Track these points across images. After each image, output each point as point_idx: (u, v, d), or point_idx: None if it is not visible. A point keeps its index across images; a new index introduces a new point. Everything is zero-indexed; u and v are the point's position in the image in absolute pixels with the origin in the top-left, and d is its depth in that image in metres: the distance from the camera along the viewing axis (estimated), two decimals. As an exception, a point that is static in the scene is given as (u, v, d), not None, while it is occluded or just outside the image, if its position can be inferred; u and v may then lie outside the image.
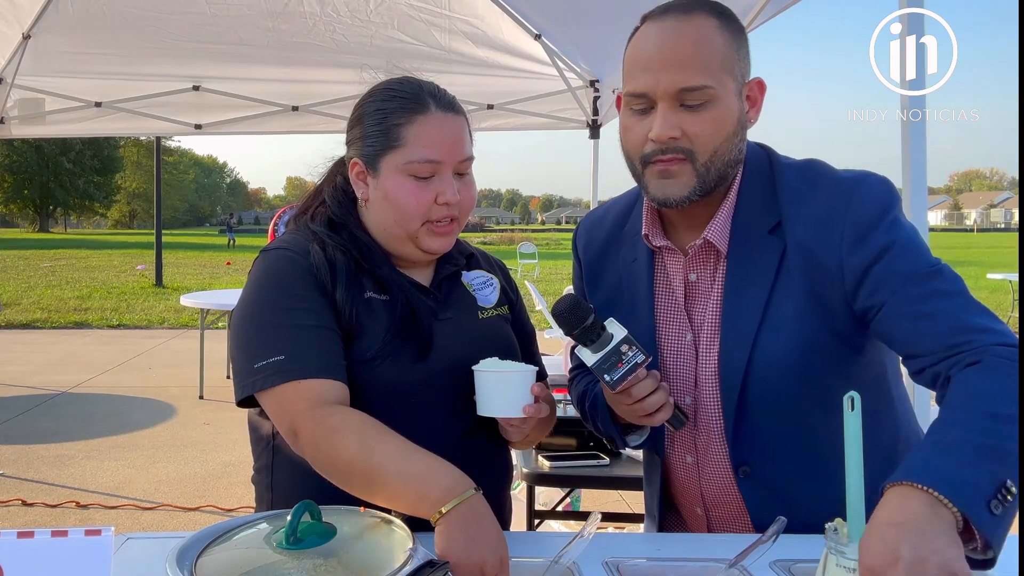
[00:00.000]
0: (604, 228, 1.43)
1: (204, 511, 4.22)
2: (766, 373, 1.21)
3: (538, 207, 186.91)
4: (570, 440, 2.42)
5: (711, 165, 1.19)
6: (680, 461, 1.35)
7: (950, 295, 1.13)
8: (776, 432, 1.24)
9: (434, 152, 1.30)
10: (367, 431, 1.18)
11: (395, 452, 1.15)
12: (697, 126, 1.17)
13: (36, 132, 5.07)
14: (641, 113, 1.20)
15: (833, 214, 1.18)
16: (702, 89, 1.15)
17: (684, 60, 1.15)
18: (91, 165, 56.19)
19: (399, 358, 1.29)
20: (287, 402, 1.22)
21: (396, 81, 1.39)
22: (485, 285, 1.48)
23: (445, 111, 1.34)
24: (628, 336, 1.18)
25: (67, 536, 0.81)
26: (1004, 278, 12.10)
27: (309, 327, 1.26)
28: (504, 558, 1.06)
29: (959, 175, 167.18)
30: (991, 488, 0.90)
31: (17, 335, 10.90)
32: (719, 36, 1.18)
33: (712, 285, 1.27)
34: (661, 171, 1.20)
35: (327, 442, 1.18)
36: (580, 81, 4.61)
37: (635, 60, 1.20)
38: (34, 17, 3.86)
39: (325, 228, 1.37)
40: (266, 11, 3.92)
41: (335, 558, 1.04)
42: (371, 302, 1.32)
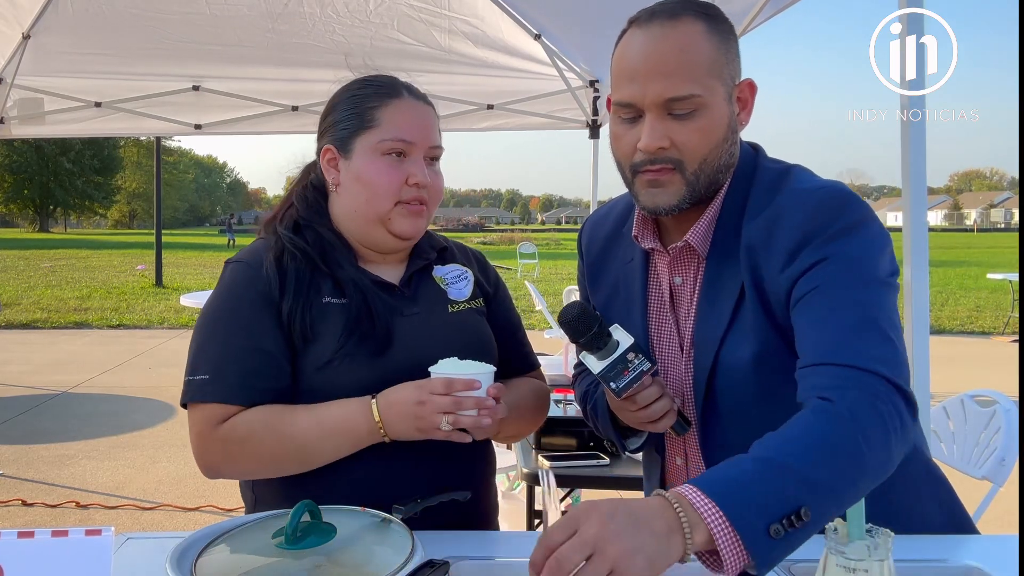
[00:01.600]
0: (606, 227, 1.43)
1: (204, 511, 4.23)
2: (727, 379, 1.21)
3: (538, 207, 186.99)
4: (570, 440, 2.42)
5: (701, 173, 1.18)
6: (671, 463, 1.36)
7: (855, 307, 1.08)
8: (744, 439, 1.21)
9: (407, 132, 1.35)
10: (272, 421, 1.26)
11: (305, 423, 1.26)
12: (685, 135, 1.15)
13: (36, 132, 5.07)
14: (630, 122, 1.19)
15: (776, 230, 1.16)
16: (689, 98, 1.14)
17: (670, 69, 1.13)
18: (91, 165, 56.22)
19: (356, 359, 1.30)
20: (196, 423, 1.29)
21: (371, 75, 1.43)
22: (459, 279, 1.48)
23: (417, 99, 1.40)
24: (635, 344, 1.17)
25: (67, 536, 0.81)
26: (1004, 278, 12.10)
27: (238, 348, 1.29)
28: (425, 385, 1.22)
29: (959, 175, 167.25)
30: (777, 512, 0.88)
31: (17, 335, 10.89)
32: (706, 41, 1.15)
33: (694, 288, 1.27)
34: (650, 180, 1.19)
35: (243, 452, 1.27)
36: (580, 81, 4.61)
37: (621, 68, 1.19)
38: (34, 17, 3.86)
39: (290, 231, 1.39)
40: (266, 12, 3.92)
41: (335, 558, 1.04)
42: (327, 307, 1.33)
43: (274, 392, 1.29)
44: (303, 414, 1.27)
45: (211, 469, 1.30)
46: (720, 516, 0.87)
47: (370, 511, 1.17)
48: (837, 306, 1.09)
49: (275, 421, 1.26)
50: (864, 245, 1.13)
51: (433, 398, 1.19)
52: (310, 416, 1.26)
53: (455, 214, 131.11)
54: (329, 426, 1.25)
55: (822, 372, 1.05)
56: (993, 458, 2.46)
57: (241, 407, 1.27)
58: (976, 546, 1.26)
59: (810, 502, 0.90)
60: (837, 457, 0.95)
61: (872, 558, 0.86)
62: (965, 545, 1.27)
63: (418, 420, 1.21)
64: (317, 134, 1.45)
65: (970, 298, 15.49)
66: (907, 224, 2.22)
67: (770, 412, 1.13)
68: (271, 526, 1.10)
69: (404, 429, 1.23)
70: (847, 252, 1.12)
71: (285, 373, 1.30)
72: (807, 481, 0.92)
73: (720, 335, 1.20)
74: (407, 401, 1.22)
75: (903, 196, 2.23)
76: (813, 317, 1.10)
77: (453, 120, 4.87)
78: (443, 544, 1.16)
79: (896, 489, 1.27)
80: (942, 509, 1.33)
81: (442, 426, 1.19)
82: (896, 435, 1.00)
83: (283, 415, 1.27)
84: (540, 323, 10.45)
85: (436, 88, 4.72)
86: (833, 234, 1.12)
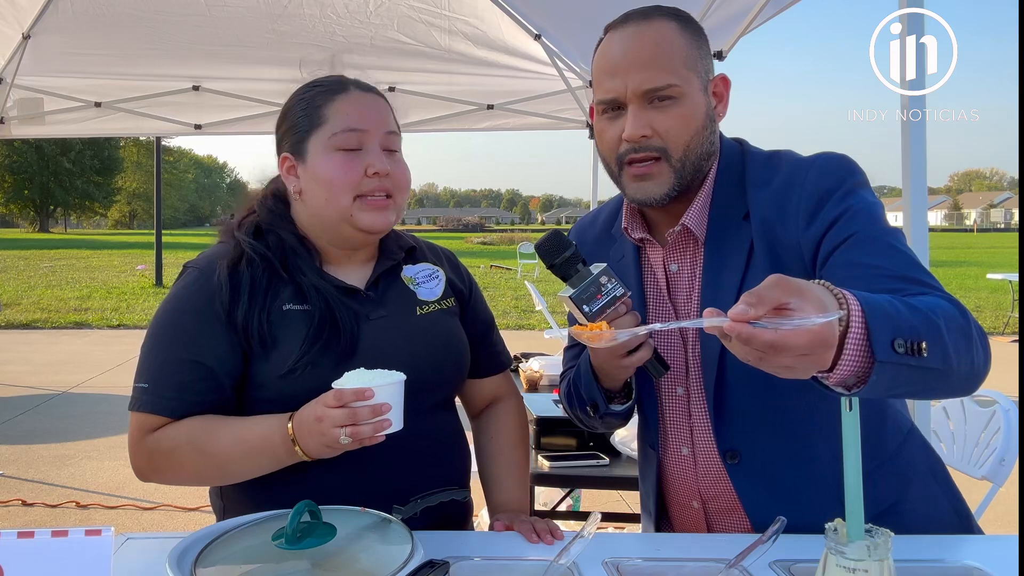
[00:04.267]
0: (594, 230, 1.46)
1: (204, 511, 4.22)
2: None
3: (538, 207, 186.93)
4: (570, 440, 2.42)
5: (686, 160, 1.23)
6: (675, 454, 1.36)
7: (896, 252, 1.15)
8: (758, 416, 1.25)
9: (356, 121, 1.32)
10: (196, 437, 1.25)
11: (228, 441, 1.25)
12: (667, 123, 1.21)
13: (36, 132, 5.07)
14: (612, 117, 1.24)
15: (789, 194, 1.22)
16: (668, 87, 1.20)
17: (648, 61, 1.20)
18: (91, 165, 56.18)
19: (319, 366, 1.27)
20: (131, 429, 1.31)
21: (319, 78, 1.42)
22: (429, 278, 1.46)
23: (365, 91, 1.37)
24: (607, 268, 1.19)
25: (67, 536, 0.81)
26: (1004, 278, 12.10)
27: (176, 360, 1.28)
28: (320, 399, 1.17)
29: (959, 175, 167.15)
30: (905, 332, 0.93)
31: (17, 335, 10.90)
32: (679, 37, 1.23)
33: (692, 273, 1.30)
34: (637, 174, 1.24)
35: (168, 464, 1.27)
36: (580, 81, 4.60)
37: (602, 68, 1.25)
38: (34, 17, 3.86)
39: (250, 236, 1.36)
40: (266, 12, 3.92)
41: (335, 558, 1.04)
42: (288, 314, 1.30)
43: (207, 404, 1.28)
44: (226, 431, 1.26)
45: (139, 473, 1.30)
46: (860, 311, 0.91)
47: (370, 511, 1.17)
48: (878, 249, 1.14)
49: (199, 437, 1.25)
50: (872, 202, 1.20)
51: (328, 412, 1.15)
52: (232, 433, 1.25)
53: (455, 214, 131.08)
54: (248, 445, 1.24)
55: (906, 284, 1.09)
56: (993, 458, 2.46)
57: (171, 419, 1.27)
58: (976, 546, 1.26)
59: (931, 342, 0.95)
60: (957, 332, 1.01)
61: (872, 558, 0.86)
62: (965, 545, 1.27)
63: (320, 436, 1.16)
64: (276, 147, 1.42)
65: (970, 298, 15.48)
66: (907, 224, 2.22)
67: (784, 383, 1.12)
68: (271, 526, 1.10)
69: (314, 446, 1.19)
70: (863, 206, 1.18)
71: (222, 386, 1.29)
72: (934, 326, 0.97)
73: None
74: (308, 419, 1.18)
75: (903, 196, 2.23)
76: (859, 257, 1.14)
77: (453, 120, 4.87)
78: (443, 544, 1.16)
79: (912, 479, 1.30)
80: (950, 501, 1.35)
81: (341, 439, 1.14)
82: (987, 346, 1.07)
83: (208, 431, 1.26)
84: (540, 323, 10.46)
85: (436, 88, 4.75)
86: (848, 190, 1.19)
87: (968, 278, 19.56)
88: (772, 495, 1.25)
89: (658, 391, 1.36)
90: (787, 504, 1.16)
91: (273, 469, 1.25)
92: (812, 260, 1.20)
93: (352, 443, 1.15)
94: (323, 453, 1.19)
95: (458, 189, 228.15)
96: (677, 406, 1.34)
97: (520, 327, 11.43)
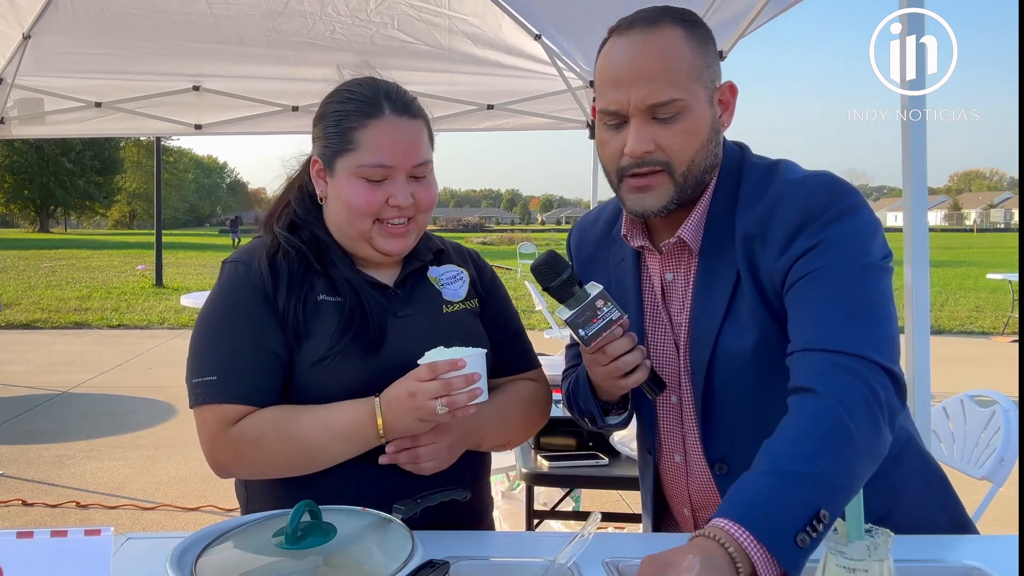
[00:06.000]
0: (596, 230, 1.45)
1: (204, 511, 4.23)
2: (727, 369, 1.23)
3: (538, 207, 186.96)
4: (569, 440, 2.41)
5: (689, 175, 1.21)
6: (669, 461, 1.36)
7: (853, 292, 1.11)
8: (746, 429, 1.23)
9: (386, 157, 1.32)
10: (282, 424, 1.27)
11: (315, 426, 1.26)
12: (671, 138, 1.18)
13: (36, 132, 5.07)
14: (615, 128, 1.21)
15: (772, 218, 1.19)
16: (672, 103, 1.16)
17: (652, 74, 1.16)
18: (91, 165, 56.18)
19: (348, 357, 1.30)
20: (206, 424, 1.30)
21: (356, 83, 1.40)
22: (454, 280, 1.49)
23: (400, 115, 1.34)
24: (603, 292, 1.19)
25: (67, 536, 0.81)
26: (1004, 278, 12.09)
27: (244, 348, 1.30)
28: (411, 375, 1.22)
29: (959, 175, 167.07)
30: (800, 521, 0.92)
31: (17, 335, 10.90)
32: (686, 46, 1.18)
33: (687, 283, 1.29)
34: (637, 186, 1.21)
35: (255, 453, 1.28)
36: (580, 81, 4.60)
37: (605, 76, 1.21)
38: (34, 17, 3.85)
39: (286, 230, 1.40)
40: (266, 11, 3.91)
41: (335, 558, 1.04)
42: (321, 304, 1.34)
43: (278, 390, 1.30)
44: (311, 416, 1.27)
45: (223, 469, 1.31)
46: (752, 539, 0.91)
47: (370, 511, 1.17)
48: (830, 292, 1.11)
49: (285, 423, 1.27)
50: (857, 230, 1.16)
51: (422, 385, 1.20)
52: (318, 419, 1.27)
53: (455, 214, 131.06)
54: (339, 429, 1.26)
55: (812, 358, 1.08)
56: (993, 458, 2.46)
57: (251, 408, 1.28)
58: (976, 546, 1.26)
59: (826, 502, 0.93)
60: (833, 446, 0.98)
61: (872, 558, 0.86)
62: (965, 545, 1.27)
63: (415, 411, 1.21)
64: (312, 140, 1.44)
65: (970, 298, 15.49)
66: (907, 224, 2.22)
67: (768, 397, 1.17)
68: (271, 526, 1.10)
69: (406, 423, 1.24)
70: (841, 237, 1.14)
71: (286, 370, 1.32)
72: (818, 482, 0.95)
73: (717, 326, 1.23)
74: (400, 396, 1.23)
75: (903, 196, 2.23)
76: (806, 302, 1.13)
77: (453, 120, 4.87)
78: (443, 544, 1.16)
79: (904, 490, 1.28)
80: (945, 511, 1.34)
81: (438, 410, 1.19)
82: (883, 415, 1.03)
83: (292, 418, 1.27)
84: (540, 323, 10.45)
85: (436, 88, 4.75)
86: (827, 220, 1.15)
87: (968, 278, 19.56)
88: None
89: (656, 401, 1.35)
90: None
91: (360, 452, 1.28)
92: (780, 289, 1.17)
93: (447, 414, 1.20)
94: (415, 428, 1.24)
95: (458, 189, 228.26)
96: (671, 414, 1.34)
97: (520, 327, 11.42)
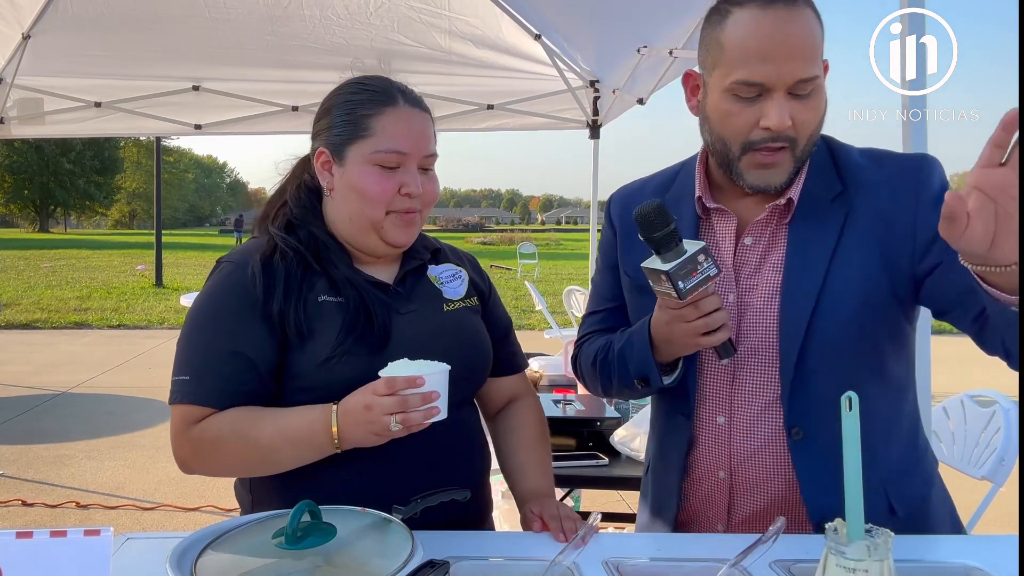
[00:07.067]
0: (643, 197, 1.39)
1: (204, 511, 4.23)
2: (827, 329, 1.24)
3: (538, 207, 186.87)
4: (569, 440, 2.42)
5: (807, 149, 1.25)
6: (710, 424, 1.34)
7: None
8: (831, 395, 1.18)
9: (401, 143, 1.33)
10: (240, 427, 1.26)
11: (272, 431, 1.26)
12: (806, 114, 1.21)
13: (36, 132, 5.07)
14: (747, 100, 1.21)
15: (906, 181, 1.25)
16: (813, 79, 1.20)
17: (801, 51, 1.18)
18: (91, 165, 56.15)
19: (354, 356, 1.30)
20: (174, 421, 1.30)
21: (366, 77, 1.42)
22: (453, 278, 1.50)
23: (412, 106, 1.37)
24: (705, 247, 1.17)
25: (66, 536, 0.81)
26: (1004, 278, 12.06)
27: (218, 351, 1.30)
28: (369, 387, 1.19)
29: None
30: None
31: (17, 335, 10.90)
32: (818, 26, 1.22)
33: (770, 247, 1.30)
34: (765, 162, 1.23)
35: (212, 453, 1.28)
36: (580, 81, 4.60)
37: (747, 47, 1.20)
38: (34, 17, 3.86)
39: (283, 230, 1.39)
40: (266, 15, 3.91)
41: (335, 558, 1.04)
42: (323, 305, 1.33)
43: (249, 395, 1.29)
44: (269, 420, 1.27)
45: (184, 465, 1.32)
46: None
47: (370, 511, 1.17)
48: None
49: (243, 426, 1.26)
50: None
51: (378, 400, 1.17)
52: (276, 423, 1.26)
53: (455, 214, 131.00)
54: (294, 435, 1.25)
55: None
56: (993, 458, 2.46)
57: (214, 410, 1.28)
58: (976, 546, 1.26)
59: None
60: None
61: (872, 558, 0.86)
62: (965, 545, 1.27)
63: (369, 424, 1.18)
64: (311, 134, 1.44)
65: (970, 298, 15.46)
66: (907, 224, 2.21)
67: (865, 366, 1.26)
68: (271, 526, 1.10)
69: (360, 435, 1.21)
70: None
71: (262, 377, 1.30)
72: None
73: (816, 288, 1.24)
74: (356, 408, 1.20)
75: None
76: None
77: (453, 120, 4.87)
78: (443, 544, 1.16)
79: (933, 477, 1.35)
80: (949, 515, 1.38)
81: (391, 427, 1.16)
82: None
83: (252, 421, 1.27)
84: (540, 323, 10.47)
85: (436, 89, 4.75)
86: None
87: (968, 278, 19.52)
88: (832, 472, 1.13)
89: (699, 362, 1.34)
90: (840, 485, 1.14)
91: (316, 459, 1.27)
92: (927, 245, 1.21)
93: (401, 430, 1.17)
94: (368, 441, 1.21)
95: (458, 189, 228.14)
96: (720, 374, 1.32)
97: (520, 327, 11.44)
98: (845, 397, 0.90)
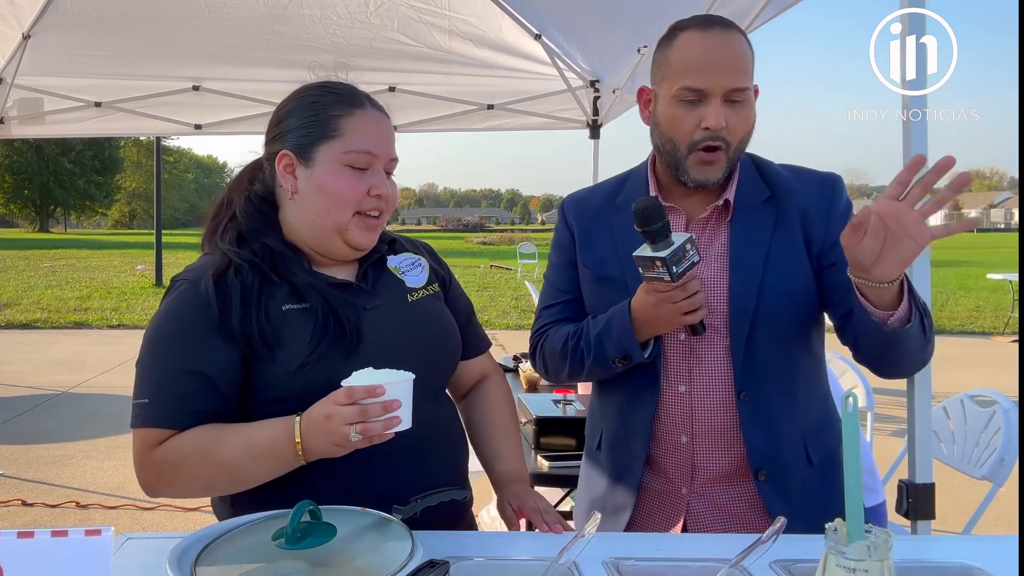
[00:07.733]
0: (595, 200, 1.63)
1: (204, 511, 4.22)
2: (770, 310, 1.45)
3: (538, 207, 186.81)
4: (569, 440, 2.42)
5: (736, 153, 1.46)
6: (672, 393, 1.50)
7: None
8: (772, 363, 1.47)
9: (371, 144, 1.35)
10: (203, 445, 1.25)
11: (235, 447, 1.24)
12: (738, 121, 1.43)
13: (36, 132, 5.06)
14: (690, 104, 1.42)
15: (825, 191, 1.52)
16: (745, 90, 1.42)
17: (736, 65, 1.42)
18: (91, 165, 56.10)
19: (329, 359, 1.28)
20: (135, 445, 1.28)
21: (328, 81, 1.44)
22: (413, 266, 1.50)
23: (377, 110, 1.41)
24: (692, 238, 1.35)
25: (67, 536, 0.81)
26: (1004, 278, 12.09)
27: (175, 372, 1.27)
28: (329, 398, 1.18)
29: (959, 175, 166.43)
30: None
31: (17, 335, 10.90)
32: (749, 50, 1.46)
33: (713, 240, 1.51)
34: (706, 160, 1.44)
35: (177, 475, 1.26)
36: (580, 81, 4.60)
37: (690, 60, 1.43)
38: (34, 17, 3.85)
39: (234, 244, 1.36)
40: (266, 14, 3.91)
41: (335, 558, 1.04)
42: (288, 313, 1.31)
43: (209, 414, 1.27)
44: (232, 437, 1.25)
45: (149, 489, 1.29)
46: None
47: (370, 511, 1.17)
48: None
49: (206, 445, 1.24)
50: None
51: (338, 409, 1.15)
52: (239, 439, 1.25)
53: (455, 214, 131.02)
54: (258, 450, 1.23)
55: None
56: (993, 458, 2.46)
57: (175, 431, 1.26)
58: (976, 546, 1.26)
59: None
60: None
61: (872, 558, 0.87)
62: (965, 545, 1.28)
63: (329, 435, 1.17)
64: (267, 139, 1.42)
65: (970, 298, 15.49)
66: (907, 224, 2.21)
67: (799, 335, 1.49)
68: (271, 526, 1.10)
69: (322, 446, 1.19)
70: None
71: (223, 395, 1.28)
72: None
73: (760, 268, 1.45)
74: (318, 417, 1.18)
75: (903, 196, 2.22)
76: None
77: (453, 120, 4.87)
78: (443, 544, 1.16)
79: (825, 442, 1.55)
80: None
81: (351, 437, 1.15)
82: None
83: (215, 439, 1.25)
84: (540, 323, 10.43)
85: (436, 88, 4.75)
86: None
87: (968, 278, 19.57)
88: (769, 428, 1.46)
89: (664, 339, 1.50)
90: (777, 435, 1.46)
91: (282, 472, 1.25)
92: (833, 243, 1.42)
93: (362, 441, 1.16)
94: (330, 452, 1.19)
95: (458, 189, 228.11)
96: (680, 349, 1.50)
97: (520, 327, 11.43)
98: (845, 397, 0.90)
